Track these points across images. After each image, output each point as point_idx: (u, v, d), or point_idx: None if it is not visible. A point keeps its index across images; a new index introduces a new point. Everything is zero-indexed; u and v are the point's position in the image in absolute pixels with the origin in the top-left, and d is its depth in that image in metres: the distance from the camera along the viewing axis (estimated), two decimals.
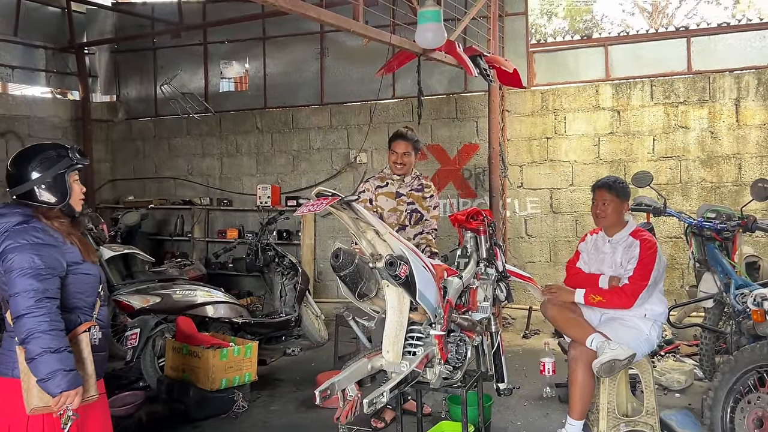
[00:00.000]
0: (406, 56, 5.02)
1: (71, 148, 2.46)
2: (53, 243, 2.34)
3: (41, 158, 2.40)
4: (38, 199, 2.39)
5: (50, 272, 2.27)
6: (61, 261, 2.33)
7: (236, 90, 8.70)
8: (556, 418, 4.15)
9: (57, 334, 2.22)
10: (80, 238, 2.47)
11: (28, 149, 2.47)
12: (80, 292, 2.42)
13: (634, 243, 3.61)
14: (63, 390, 2.20)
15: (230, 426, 4.28)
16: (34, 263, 2.24)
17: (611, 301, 3.58)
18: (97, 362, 2.43)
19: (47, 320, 2.21)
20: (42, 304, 2.22)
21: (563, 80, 7.02)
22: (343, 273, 2.88)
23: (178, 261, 7.02)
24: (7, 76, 8.29)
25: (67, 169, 2.42)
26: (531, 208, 7.05)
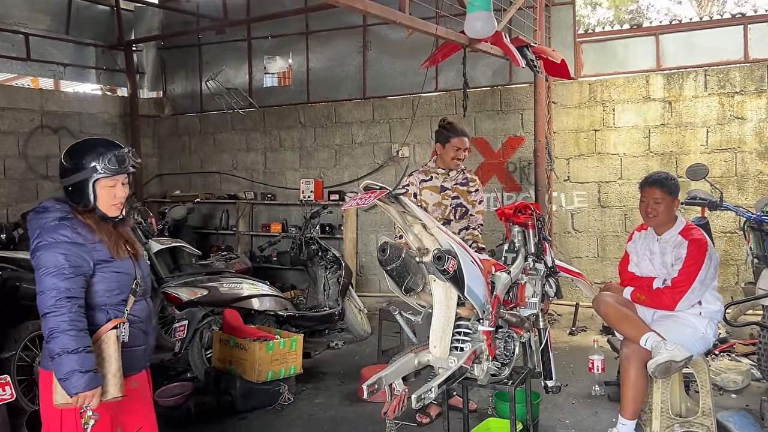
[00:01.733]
0: (451, 48, 4.95)
1: (106, 156, 2.35)
2: (81, 241, 2.31)
3: (73, 160, 2.36)
4: (71, 196, 2.38)
5: (74, 271, 2.26)
6: (87, 260, 2.31)
7: (279, 85, 8.76)
8: (605, 417, 4.05)
9: (76, 334, 2.21)
10: (112, 235, 2.42)
11: (75, 144, 2.44)
12: (110, 290, 2.40)
13: (682, 243, 3.47)
14: (79, 391, 2.20)
15: (276, 418, 4.31)
16: (59, 262, 2.24)
17: (654, 302, 3.48)
18: (134, 357, 2.44)
19: (67, 320, 2.20)
20: (62, 304, 2.21)
21: (612, 71, 6.83)
22: (390, 267, 2.85)
23: (224, 254, 7.11)
24: (60, 74, 8.53)
25: (88, 179, 2.34)
26: (578, 202, 6.90)
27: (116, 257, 2.39)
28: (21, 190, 7.63)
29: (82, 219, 2.35)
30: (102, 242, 2.37)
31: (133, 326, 2.44)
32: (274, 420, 4.28)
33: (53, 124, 8.02)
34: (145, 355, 2.54)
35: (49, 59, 8.26)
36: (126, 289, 2.43)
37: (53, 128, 8.02)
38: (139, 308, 2.49)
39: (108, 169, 2.33)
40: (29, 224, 2.34)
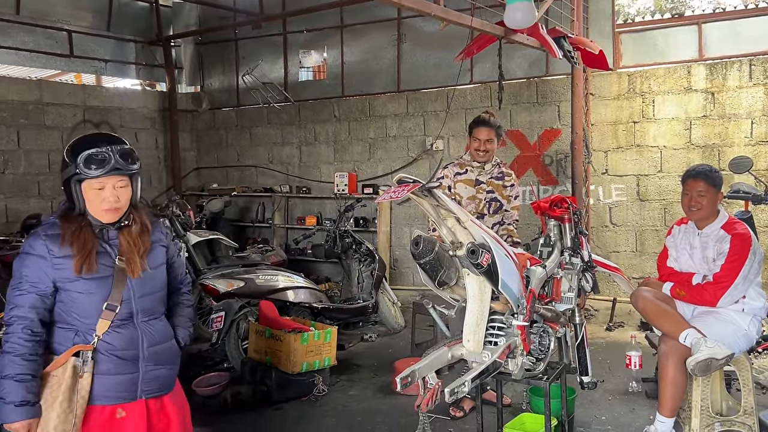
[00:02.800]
0: (487, 40, 4.91)
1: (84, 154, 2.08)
2: (44, 254, 2.08)
3: (65, 156, 2.14)
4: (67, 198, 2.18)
5: (29, 288, 2.07)
6: (45, 277, 2.09)
7: (314, 79, 8.80)
8: (643, 414, 3.99)
9: (10, 359, 2.02)
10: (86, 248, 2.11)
11: (75, 139, 2.21)
12: (75, 312, 2.13)
13: (725, 237, 3.37)
14: (6, 422, 2.02)
15: (311, 409, 4.36)
16: (19, 276, 2.09)
17: (694, 298, 3.39)
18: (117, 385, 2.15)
19: (10, 341, 2.03)
20: (10, 321, 2.05)
21: (652, 61, 6.67)
22: (423, 261, 2.85)
23: (260, 247, 7.21)
24: (101, 69, 8.73)
25: (70, 178, 2.10)
26: (616, 196, 6.77)
27: (80, 274, 2.09)
28: None
29: (60, 228, 2.13)
30: (68, 258, 2.10)
31: (106, 354, 2.14)
32: (309, 410, 4.33)
33: (95, 118, 8.22)
34: (143, 381, 2.21)
35: (91, 55, 8.47)
36: (91, 314, 2.12)
37: (95, 123, 8.22)
38: (118, 335, 2.16)
39: (84, 170, 2.07)
40: None
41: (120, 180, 2.13)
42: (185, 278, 2.55)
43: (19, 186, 7.39)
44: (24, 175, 7.46)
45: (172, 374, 2.33)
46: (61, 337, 2.13)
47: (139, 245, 2.21)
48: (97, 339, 2.12)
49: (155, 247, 2.30)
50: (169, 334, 2.35)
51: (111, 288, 2.15)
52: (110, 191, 2.12)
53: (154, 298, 2.28)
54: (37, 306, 2.08)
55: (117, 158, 2.10)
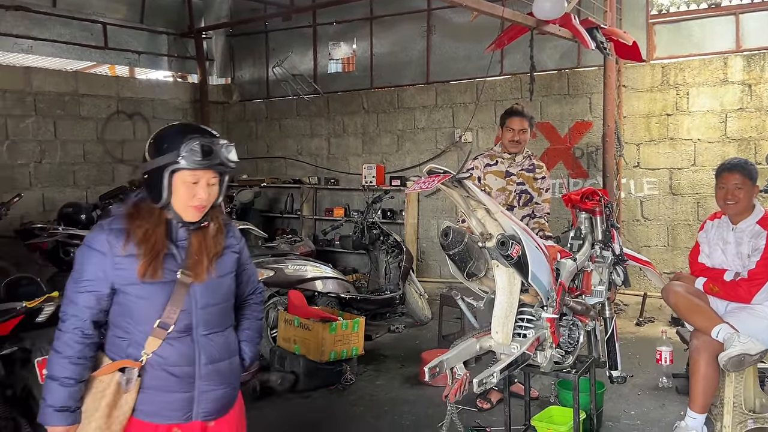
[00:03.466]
0: (518, 30, 4.87)
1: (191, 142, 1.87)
2: (104, 251, 1.90)
3: (156, 143, 1.94)
4: (144, 187, 1.97)
5: (87, 285, 1.90)
6: (104, 276, 1.90)
7: (344, 71, 8.83)
8: (673, 410, 3.94)
9: (58, 360, 1.88)
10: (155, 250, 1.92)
11: (164, 127, 2.01)
12: (130, 318, 1.94)
13: (761, 233, 3.29)
14: (46, 423, 1.90)
15: (339, 397, 4.40)
16: (78, 268, 1.92)
17: (728, 294, 3.32)
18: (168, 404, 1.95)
19: (58, 339, 1.90)
20: (65, 318, 1.91)
21: (687, 53, 6.53)
22: (453, 252, 2.86)
23: (289, 237, 7.27)
24: (134, 61, 8.87)
25: (165, 167, 1.89)
26: (648, 189, 6.67)
27: (143, 279, 1.90)
28: (99, 173, 8.00)
29: (126, 223, 1.93)
30: (133, 257, 1.90)
31: (157, 369, 1.94)
32: (337, 399, 4.38)
33: (128, 109, 8.37)
34: (199, 402, 1.98)
35: (124, 47, 8.60)
36: (148, 320, 1.92)
37: (128, 114, 8.36)
38: (172, 349, 1.95)
39: (190, 159, 1.87)
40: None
41: (213, 176, 1.94)
42: (257, 287, 2.30)
43: (56, 175, 7.56)
44: (60, 164, 7.63)
45: (233, 394, 2.09)
46: (115, 344, 1.97)
47: (211, 248, 2.01)
48: (146, 357, 1.92)
49: (226, 253, 2.08)
50: (233, 350, 2.10)
51: (174, 295, 1.93)
52: (203, 187, 1.93)
53: (218, 310, 2.04)
54: (92, 306, 1.91)
55: (222, 152, 1.91)
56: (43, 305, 2.80)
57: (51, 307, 2.81)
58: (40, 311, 2.80)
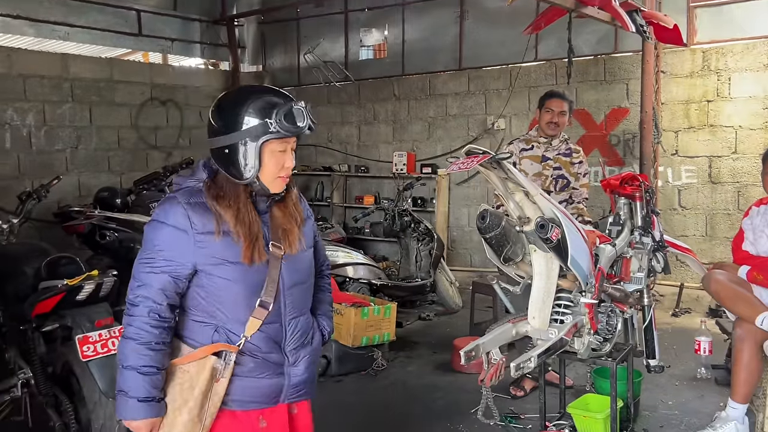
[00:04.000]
0: (556, 12, 4.77)
1: (281, 108, 1.71)
2: (184, 227, 1.72)
3: (229, 113, 1.74)
4: (217, 162, 1.79)
5: (164, 266, 1.72)
6: (184, 255, 1.73)
7: (375, 57, 8.77)
8: (712, 401, 3.86)
9: (134, 347, 1.70)
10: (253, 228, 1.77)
11: (230, 94, 1.82)
12: (218, 303, 1.78)
13: None
14: (123, 418, 1.75)
15: (371, 382, 4.40)
16: (149, 246, 1.74)
17: None
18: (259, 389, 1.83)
19: (130, 325, 1.72)
20: (138, 301, 1.72)
21: (729, 37, 6.32)
22: (489, 235, 2.82)
23: (319, 224, 7.29)
24: (168, 48, 8.93)
25: (258, 138, 1.72)
26: (686, 178, 6.50)
27: (250, 264, 1.76)
28: (133, 159, 8.10)
29: (210, 199, 1.76)
30: (224, 235, 1.74)
31: (250, 356, 1.81)
32: (369, 384, 4.38)
33: (161, 96, 8.44)
34: (288, 386, 1.88)
35: (158, 35, 8.67)
36: (239, 304, 1.78)
37: (161, 100, 8.44)
38: (262, 336, 1.81)
39: (284, 127, 1.70)
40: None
41: (294, 142, 1.81)
42: (326, 259, 2.20)
43: (91, 161, 7.67)
44: (95, 150, 7.74)
45: (315, 375, 2.00)
46: (195, 330, 1.80)
47: (296, 215, 1.88)
48: (244, 340, 1.77)
49: (306, 222, 1.95)
50: (313, 330, 1.98)
51: (265, 276, 1.78)
52: (290, 155, 1.80)
53: (304, 289, 1.92)
54: (168, 289, 1.74)
55: (308, 115, 1.76)
56: (83, 283, 2.84)
57: (91, 286, 2.85)
58: (80, 289, 2.84)
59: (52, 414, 3.01)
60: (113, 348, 2.79)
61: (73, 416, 2.94)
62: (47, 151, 7.30)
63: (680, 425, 3.57)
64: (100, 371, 2.76)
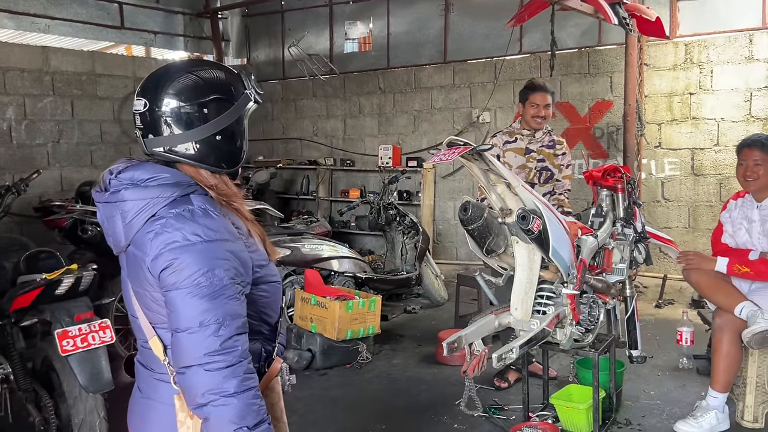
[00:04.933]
0: (539, 5, 4.77)
1: (243, 75, 1.50)
2: (235, 237, 1.42)
3: (208, 88, 1.44)
4: (197, 157, 1.45)
5: (237, 289, 1.37)
6: (247, 267, 1.42)
7: (360, 50, 8.73)
8: (693, 390, 3.90)
9: (253, 396, 1.34)
10: (259, 225, 1.55)
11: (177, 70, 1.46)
12: (265, 312, 1.53)
13: None
14: None
15: (355, 375, 4.40)
16: (215, 276, 1.33)
17: (759, 273, 3.25)
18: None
19: (238, 376, 1.32)
20: (229, 346, 1.32)
21: (711, 30, 6.36)
22: (472, 227, 2.83)
23: (304, 218, 7.26)
24: (151, 41, 8.84)
25: (246, 111, 1.49)
26: (669, 170, 6.55)
27: (271, 257, 1.54)
28: (116, 153, 8.02)
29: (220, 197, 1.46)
30: (254, 235, 1.50)
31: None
32: (353, 377, 4.38)
33: None
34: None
35: (140, 27, 8.58)
36: (278, 308, 1.58)
37: None
38: (284, 335, 1.66)
39: (258, 95, 1.50)
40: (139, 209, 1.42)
41: None
42: None
43: (73, 155, 7.59)
44: (77, 144, 7.65)
45: None
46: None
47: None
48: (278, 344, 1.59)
49: None
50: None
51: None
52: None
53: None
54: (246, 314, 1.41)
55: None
56: (63, 277, 2.80)
57: (70, 280, 2.82)
58: (59, 283, 2.81)
59: (32, 409, 2.99)
60: (93, 342, 2.77)
61: (53, 411, 2.92)
62: (28, 145, 7.20)
63: (662, 414, 3.61)
64: (80, 366, 2.73)
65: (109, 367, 2.82)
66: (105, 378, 2.77)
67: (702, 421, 3.25)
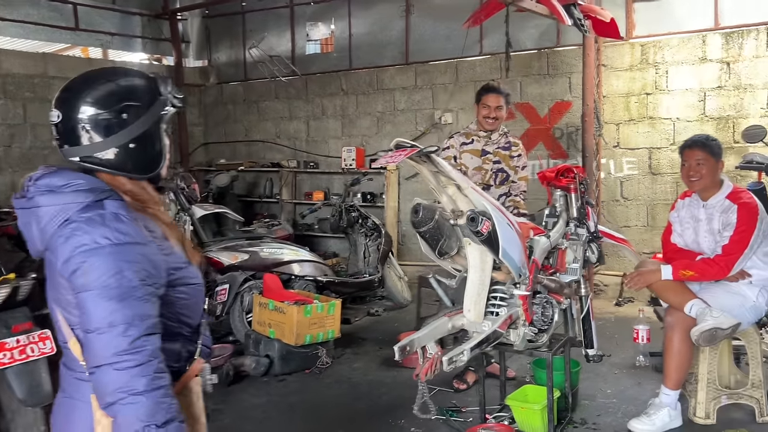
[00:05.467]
0: (494, 6, 4.78)
1: (160, 79, 1.52)
2: (146, 241, 1.43)
3: (123, 95, 1.46)
4: (115, 163, 1.46)
5: (148, 290, 1.39)
6: (160, 269, 1.43)
7: (322, 52, 8.67)
8: (649, 388, 3.93)
9: (163, 394, 1.36)
10: (176, 227, 1.57)
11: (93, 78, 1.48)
12: (184, 313, 1.53)
13: (731, 207, 3.27)
14: None
15: (314, 381, 4.34)
16: (124, 277, 1.35)
17: (704, 274, 3.27)
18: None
19: (148, 375, 1.34)
20: (138, 346, 1.34)
21: (666, 31, 6.46)
22: (423, 229, 2.81)
23: (266, 221, 7.18)
24: (107, 43, 8.66)
25: (163, 116, 1.51)
26: (627, 169, 6.63)
27: (191, 260, 1.56)
28: None
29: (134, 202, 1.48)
30: (172, 238, 1.52)
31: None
32: (313, 382, 4.32)
33: None
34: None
35: (96, 29, 8.39)
36: (200, 310, 1.59)
37: None
38: (208, 336, 1.65)
39: (178, 99, 1.52)
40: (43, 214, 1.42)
41: None
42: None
43: (26, 160, 7.38)
44: (30, 149, 7.45)
45: None
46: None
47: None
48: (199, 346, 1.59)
49: None
50: None
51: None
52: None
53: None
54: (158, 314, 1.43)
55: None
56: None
57: (6, 290, 2.71)
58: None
59: None
60: (32, 354, 2.67)
61: None
62: None
63: (617, 413, 3.63)
64: (18, 379, 2.63)
65: (49, 378, 2.72)
66: (45, 390, 2.67)
67: (655, 419, 3.28)
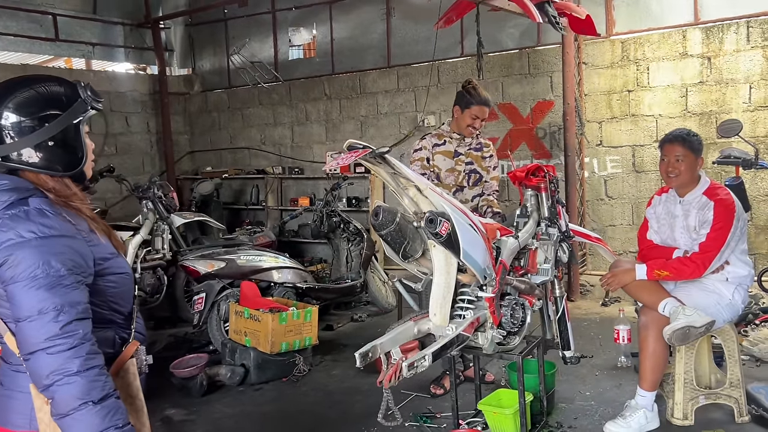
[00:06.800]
0: (465, 6, 4.72)
1: (79, 84, 1.64)
2: (72, 233, 1.55)
3: (40, 99, 1.58)
4: (38, 163, 1.58)
5: (76, 279, 1.51)
6: (87, 259, 1.56)
7: (304, 57, 8.63)
8: (629, 389, 3.85)
9: (97, 374, 1.47)
10: (102, 221, 1.70)
11: (14, 85, 1.59)
12: (115, 301, 1.67)
13: (707, 204, 3.20)
14: None
15: (290, 389, 4.28)
16: (51, 267, 1.47)
17: (680, 273, 3.18)
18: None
19: (81, 356, 1.46)
20: (70, 330, 1.46)
21: (646, 27, 6.41)
22: (384, 232, 2.75)
23: (248, 228, 7.12)
24: (89, 53, 8.60)
25: (83, 117, 1.62)
26: (611, 168, 6.57)
27: (119, 251, 1.70)
28: None
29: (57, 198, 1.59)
30: (98, 231, 1.65)
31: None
32: (289, 391, 4.25)
33: None
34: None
35: (78, 39, 8.33)
36: (130, 298, 1.72)
37: None
38: (141, 323, 1.78)
39: (96, 101, 1.64)
40: None
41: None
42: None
43: None
44: None
45: None
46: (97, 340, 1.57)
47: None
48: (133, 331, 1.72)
49: None
50: None
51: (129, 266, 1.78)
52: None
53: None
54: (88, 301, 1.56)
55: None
56: None
57: None
58: None
59: None
60: None
61: None
62: None
63: (594, 416, 3.56)
64: None
65: None
66: None
67: (631, 421, 3.21)
